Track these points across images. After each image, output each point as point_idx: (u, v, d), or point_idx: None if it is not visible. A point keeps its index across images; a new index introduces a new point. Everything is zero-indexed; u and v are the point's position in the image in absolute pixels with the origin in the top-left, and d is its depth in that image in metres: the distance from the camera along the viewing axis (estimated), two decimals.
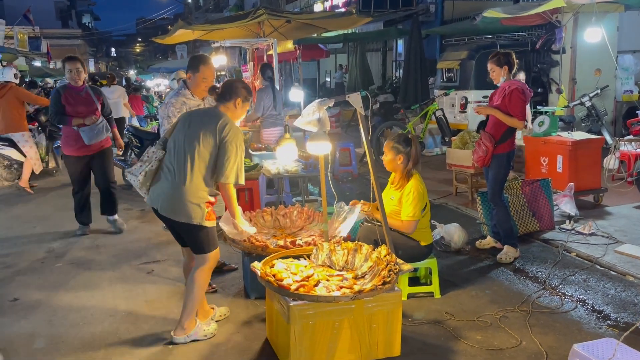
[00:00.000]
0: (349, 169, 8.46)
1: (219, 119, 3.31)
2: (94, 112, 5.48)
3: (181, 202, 3.27)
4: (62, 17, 39.22)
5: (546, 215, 5.41)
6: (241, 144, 3.33)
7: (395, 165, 3.99)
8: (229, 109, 3.40)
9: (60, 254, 5.24)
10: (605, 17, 8.31)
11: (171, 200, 3.30)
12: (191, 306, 3.41)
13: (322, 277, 3.20)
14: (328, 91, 20.58)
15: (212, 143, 3.27)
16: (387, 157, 3.99)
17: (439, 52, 13.65)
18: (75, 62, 5.46)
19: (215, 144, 3.27)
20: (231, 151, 3.25)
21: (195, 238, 3.38)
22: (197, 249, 3.41)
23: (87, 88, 5.61)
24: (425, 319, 3.70)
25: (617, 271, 4.44)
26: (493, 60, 4.70)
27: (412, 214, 3.87)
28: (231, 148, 3.25)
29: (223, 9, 35.81)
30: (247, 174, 5.56)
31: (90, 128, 5.44)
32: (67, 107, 5.41)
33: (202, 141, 3.26)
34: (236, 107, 3.41)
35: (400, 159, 3.95)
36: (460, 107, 10.22)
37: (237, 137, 3.29)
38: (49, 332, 3.65)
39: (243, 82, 3.58)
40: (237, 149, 3.28)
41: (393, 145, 3.97)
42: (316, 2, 20.24)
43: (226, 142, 3.25)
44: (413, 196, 3.87)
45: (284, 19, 8.37)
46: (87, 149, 5.52)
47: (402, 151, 3.94)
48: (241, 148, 3.32)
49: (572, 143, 5.97)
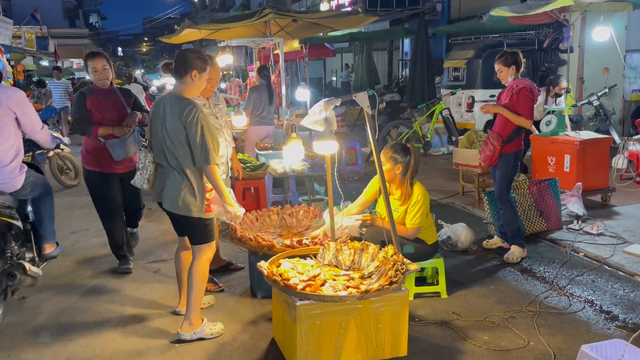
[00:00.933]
0: (355, 168, 8.45)
1: (178, 105, 3.24)
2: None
3: (179, 195, 3.29)
4: (69, 17, 39.43)
5: (554, 215, 5.38)
6: (204, 122, 3.23)
7: (392, 175, 3.88)
8: (187, 84, 3.31)
9: (67, 253, 5.25)
10: (613, 16, 8.25)
11: (172, 195, 3.32)
12: (195, 300, 3.42)
13: (329, 276, 3.20)
14: (334, 90, 20.56)
15: (182, 132, 3.23)
16: (385, 167, 3.84)
17: (445, 51, 13.61)
18: (101, 59, 4.36)
19: (184, 132, 3.23)
20: (195, 133, 3.19)
21: (193, 230, 3.42)
22: (195, 240, 3.44)
23: (116, 90, 4.54)
24: (432, 319, 3.68)
25: (626, 271, 4.41)
26: (500, 61, 4.68)
27: (419, 221, 3.86)
28: (194, 130, 3.19)
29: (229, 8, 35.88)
30: (254, 173, 5.59)
31: (120, 140, 4.39)
32: (94, 113, 4.36)
33: (177, 133, 3.23)
34: (193, 80, 3.31)
35: (398, 169, 3.87)
36: (467, 106, 10.19)
37: (198, 117, 3.19)
38: (56, 331, 3.66)
39: (196, 52, 3.41)
40: (199, 129, 3.19)
41: (391, 155, 3.86)
42: (322, 1, 20.24)
43: (189, 126, 3.20)
44: (419, 205, 3.85)
45: (290, 18, 8.37)
46: (116, 166, 4.46)
47: (401, 161, 3.86)
48: (205, 126, 3.22)
49: (580, 142, 5.94)
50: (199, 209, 3.33)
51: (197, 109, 3.23)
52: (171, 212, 3.39)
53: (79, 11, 42.83)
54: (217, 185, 3.31)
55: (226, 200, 3.35)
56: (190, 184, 3.30)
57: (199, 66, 3.31)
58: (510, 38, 10.54)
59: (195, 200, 3.31)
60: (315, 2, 21.51)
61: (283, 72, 7.87)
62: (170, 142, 3.26)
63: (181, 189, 3.29)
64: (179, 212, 3.33)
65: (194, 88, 3.35)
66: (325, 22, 9.38)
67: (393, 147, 3.94)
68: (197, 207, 3.33)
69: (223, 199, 3.35)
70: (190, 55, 3.34)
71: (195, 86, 3.35)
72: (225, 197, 3.35)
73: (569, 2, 7.34)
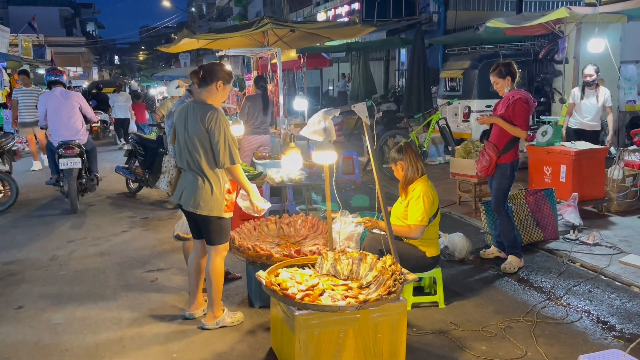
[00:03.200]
0: (352, 178, 8.47)
1: (201, 110, 3.48)
2: None
3: (200, 195, 3.49)
4: (66, 26, 39.49)
5: (550, 225, 5.40)
6: (225, 125, 3.47)
7: (399, 174, 4.07)
8: (211, 92, 3.57)
9: (64, 262, 5.25)
10: (608, 28, 8.33)
11: (192, 195, 3.52)
12: (215, 295, 3.66)
13: (327, 286, 3.20)
14: (331, 100, 20.63)
15: (205, 135, 3.45)
16: (394, 170, 4.13)
17: (441, 62, 13.70)
18: None
19: (207, 135, 3.45)
20: (218, 136, 3.42)
21: (212, 229, 3.58)
22: (212, 239, 3.61)
23: None
24: (430, 329, 3.69)
25: (622, 282, 4.42)
26: (495, 73, 4.72)
27: (421, 218, 3.85)
28: (217, 133, 3.42)
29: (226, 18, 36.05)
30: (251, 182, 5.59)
31: None
32: None
33: (198, 136, 3.46)
34: (217, 89, 3.58)
35: (401, 167, 4.02)
36: (463, 116, 10.24)
37: (220, 121, 3.47)
38: (53, 341, 3.65)
39: (223, 65, 3.70)
40: (222, 131, 3.44)
41: (392, 157, 4.10)
42: (319, 11, 20.36)
43: (212, 130, 3.43)
44: (423, 201, 3.86)
45: (288, 29, 8.41)
46: None
47: (399, 159, 4.02)
48: (227, 129, 3.47)
49: (576, 153, 5.97)
50: (218, 209, 3.52)
51: (218, 113, 3.48)
52: (192, 212, 3.55)
53: (76, 20, 42.89)
54: (242, 182, 3.58)
55: (252, 195, 3.64)
56: (211, 185, 3.51)
57: (225, 78, 3.58)
58: (506, 49, 10.62)
59: (216, 201, 3.51)
60: (312, 12, 21.64)
61: (281, 81, 7.90)
62: (192, 145, 3.49)
63: (203, 190, 3.50)
64: (200, 211, 3.50)
65: (217, 97, 3.60)
66: (323, 33, 9.42)
67: (392, 150, 4.16)
68: (217, 207, 3.52)
69: (250, 194, 3.62)
70: (217, 67, 3.63)
71: (219, 95, 3.60)
72: (251, 192, 3.64)
73: (564, 14, 7.41)
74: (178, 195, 3.64)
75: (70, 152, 6.92)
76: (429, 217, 3.89)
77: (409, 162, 3.99)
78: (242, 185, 3.62)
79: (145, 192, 8.19)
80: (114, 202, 7.86)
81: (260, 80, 7.44)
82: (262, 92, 7.25)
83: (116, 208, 7.46)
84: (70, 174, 6.91)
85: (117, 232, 6.23)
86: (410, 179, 3.99)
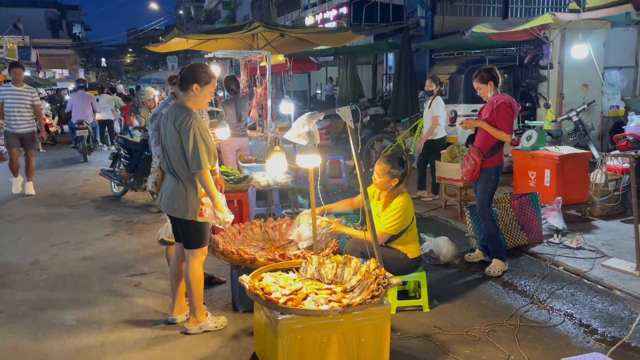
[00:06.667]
0: (339, 181, 8.47)
1: (174, 113, 3.43)
2: None
3: (176, 198, 3.46)
4: (52, 27, 39.13)
5: (534, 229, 5.44)
6: (197, 129, 3.36)
7: (387, 186, 3.97)
8: (190, 96, 3.49)
9: (46, 266, 5.18)
10: (592, 34, 8.42)
11: (169, 198, 3.52)
12: (196, 300, 3.63)
13: (311, 290, 3.19)
14: (318, 103, 20.64)
15: (178, 138, 3.40)
16: (381, 179, 3.93)
17: (428, 66, 13.75)
18: None
19: (180, 138, 3.39)
20: (187, 140, 3.34)
21: (188, 233, 3.55)
22: (188, 243, 3.56)
23: None
24: (414, 333, 3.69)
25: (604, 285, 4.46)
26: (477, 79, 4.76)
27: (391, 227, 3.85)
28: (186, 137, 3.34)
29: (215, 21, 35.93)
30: (237, 186, 5.56)
31: None
32: None
33: (172, 140, 3.43)
34: (195, 93, 3.47)
35: (395, 182, 3.94)
36: (449, 120, 10.29)
37: (190, 124, 3.35)
38: (33, 346, 3.59)
39: (202, 67, 3.56)
40: (192, 135, 3.33)
41: (389, 170, 3.90)
42: (307, 15, 20.38)
43: (182, 133, 3.37)
44: (398, 213, 3.86)
45: (277, 33, 8.40)
46: None
47: (397, 174, 3.92)
48: (199, 133, 3.35)
49: (560, 157, 6.03)
50: (193, 213, 3.47)
51: (191, 116, 3.39)
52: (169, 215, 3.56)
53: (62, 21, 42.51)
54: (208, 190, 3.44)
55: (217, 205, 3.47)
56: (186, 188, 3.46)
57: (203, 80, 3.46)
58: (492, 54, 10.70)
59: (190, 204, 3.47)
60: (300, 16, 21.66)
61: (270, 85, 7.87)
62: (169, 148, 3.46)
63: (178, 193, 3.47)
64: (174, 214, 3.49)
65: (197, 100, 3.51)
66: (313, 38, 9.43)
67: (390, 161, 3.94)
68: (192, 210, 3.47)
69: (214, 203, 3.47)
70: (195, 69, 3.51)
71: (198, 99, 3.50)
72: (216, 202, 3.47)
73: (548, 20, 7.49)
74: (160, 197, 3.65)
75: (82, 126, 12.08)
76: (402, 229, 3.90)
77: (406, 179, 3.95)
78: (208, 193, 3.46)
79: (130, 196, 8.12)
80: (98, 205, 7.77)
81: (231, 82, 7.05)
82: (235, 97, 6.99)
83: (100, 211, 7.38)
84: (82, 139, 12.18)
85: (100, 236, 6.17)
86: (399, 193, 3.96)
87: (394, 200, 3.92)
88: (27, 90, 8.09)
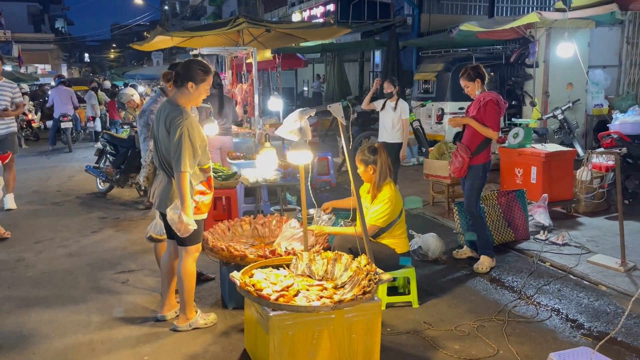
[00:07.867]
0: (327, 178, 8.48)
1: (166, 111, 3.39)
2: None
3: (168, 195, 3.46)
4: (34, 22, 38.56)
5: (521, 225, 5.50)
6: (187, 129, 3.29)
7: (369, 176, 4.04)
8: (184, 94, 3.43)
9: (31, 263, 5.11)
10: (577, 33, 8.54)
11: (162, 195, 3.51)
12: (187, 297, 3.60)
13: (302, 287, 3.19)
14: (305, 100, 20.63)
15: (167, 136, 3.36)
16: (360, 170, 4.06)
17: (415, 64, 13.82)
18: None
19: (169, 136, 3.34)
20: (173, 139, 3.29)
21: None
22: (182, 240, 3.51)
23: None
24: (404, 329, 3.70)
25: (590, 281, 4.53)
26: (464, 77, 4.78)
27: (380, 219, 3.89)
28: (174, 136, 3.29)
29: (200, 17, 35.69)
30: (226, 183, 5.54)
31: None
32: None
33: (162, 137, 3.41)
34: (191, 91, 3.41)
35: (371, 169, 4.00)
36: (436, 118, 10.35)
37: (179, 124, 3.28)
38: (19, 344, 3.53)
39: (196, 63, 3.48)
40: (178, 135, 3.27)
41: (361, 158, 4.03)
42: (294, 11, 20.34)
43: (170, 131, 3.31)
44: (386, 205, 3.90)
45: (263, 28, 8.37)
46: None
47: (370, 161, 3.99)
48: (187, 133, 3.28)
49: (546, 155, 6.10)
50: None
51: (182, 115, 3.33)
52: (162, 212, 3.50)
53: (44, 16, 41.89)
54: (181, 193, 3.33)
55: (186, 209, 3.34)
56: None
57: (198, 77, 3.39)
58: (479, 52, 10.79)
59: None
60: (287, 13, 21.61)
61: (256, 81, 7.84)
62: (160, 145, 3.44)
63: (169, 189, 3.45)
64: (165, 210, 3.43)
65: (191, 98, 3.44)
66: (299, 33, 9.42)
67: (362, 150, 4.09)
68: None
69: (184, 206, 3.33)
70: (190, 66, 3.42)
71: (192, 96, 3.44)
72: (186, 206, 3.33)
73: (534, 18, 7.57)
74: (151, 193, 3.63)
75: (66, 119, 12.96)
76: (390, 221, 3.93)
77: (381, 165, 3.99)
78: (180, 196, 3.33)
79: (117, 192, 8.04)
80: (84, 202, 7.68)
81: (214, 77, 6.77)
82: (218, 91, 6.60)
83: (86, 208, 7.29)
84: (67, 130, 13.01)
85: (86, 233, 6.10)
86: (382, 183, 3.99)
87: (381, 192, 3.95)
88: (8, 85, 6.71)
